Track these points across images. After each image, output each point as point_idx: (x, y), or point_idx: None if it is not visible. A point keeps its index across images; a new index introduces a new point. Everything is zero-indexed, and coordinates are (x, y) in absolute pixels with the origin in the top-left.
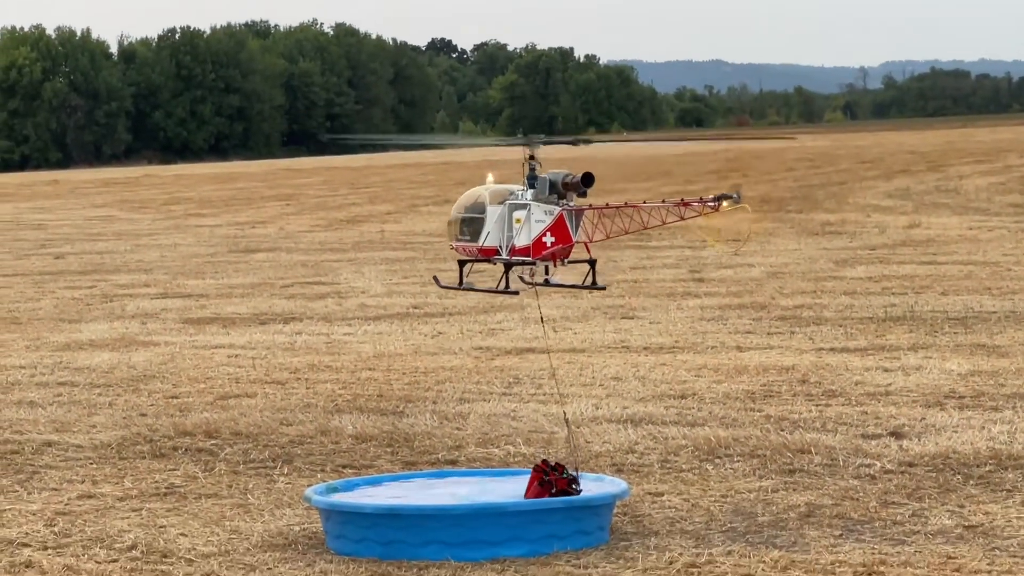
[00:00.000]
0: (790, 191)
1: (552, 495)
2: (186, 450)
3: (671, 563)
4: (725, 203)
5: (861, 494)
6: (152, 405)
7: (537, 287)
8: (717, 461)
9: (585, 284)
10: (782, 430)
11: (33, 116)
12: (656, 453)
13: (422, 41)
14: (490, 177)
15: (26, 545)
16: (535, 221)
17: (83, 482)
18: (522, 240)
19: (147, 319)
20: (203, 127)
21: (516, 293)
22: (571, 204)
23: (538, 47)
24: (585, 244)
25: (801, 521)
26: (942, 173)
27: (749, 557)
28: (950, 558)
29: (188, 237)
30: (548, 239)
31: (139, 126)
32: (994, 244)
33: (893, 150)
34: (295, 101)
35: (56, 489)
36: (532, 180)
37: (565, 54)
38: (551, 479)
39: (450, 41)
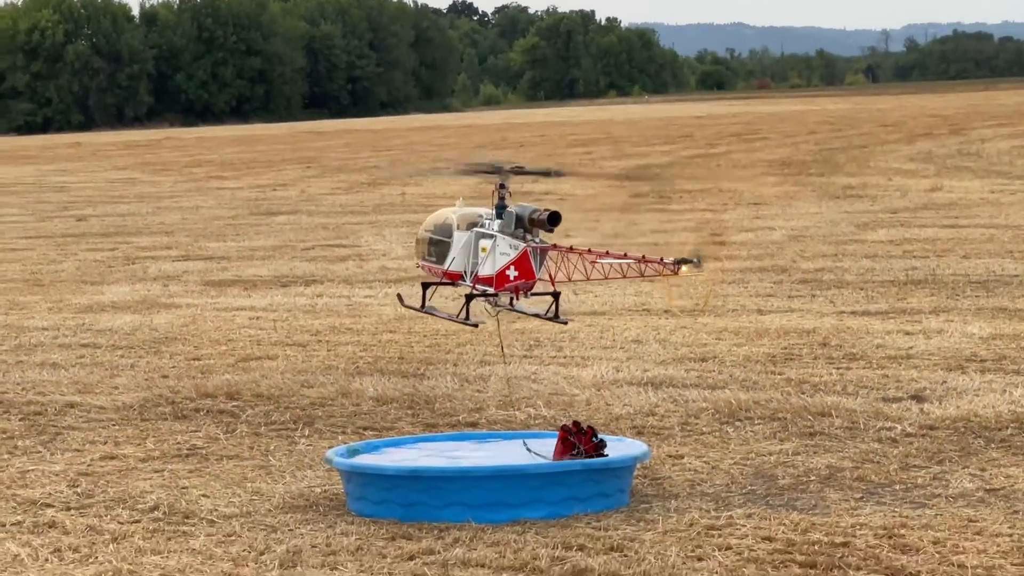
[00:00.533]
0: (811, 154)
1: (574, 456)
2: (208, 412)
3: (691, 525)
4: (684, 267)
5: (882, 457)
6: (174, 367)
7: (499, 312)
8: (737, 424)
9: (548, 315)
10: (803, 393)
11: (55, 79)
12: (676, 416)
13: (443, 4)
14: (459, 201)
15: (49, 505)
16: (500, 253)
17: (105, 443)
18: (486, 270)
19: (169, 281)
20: (224, 90)
21: (476, 325)
22: (537, 241)
23: (559, 10)
24: (550, 276)
25: (821, 484)
26: (964, 136)
27: (769, 519)
28: (971, 521)
29: (209, 200)
30: (511, 272)
31: (161, 89)
32: (1016, 207)
33: (915, 113)
34: (316, 64)
35: (79, 450)
36: (500, 211)
37: (586, 17)
38: (576, 440)
39: (471, 4)
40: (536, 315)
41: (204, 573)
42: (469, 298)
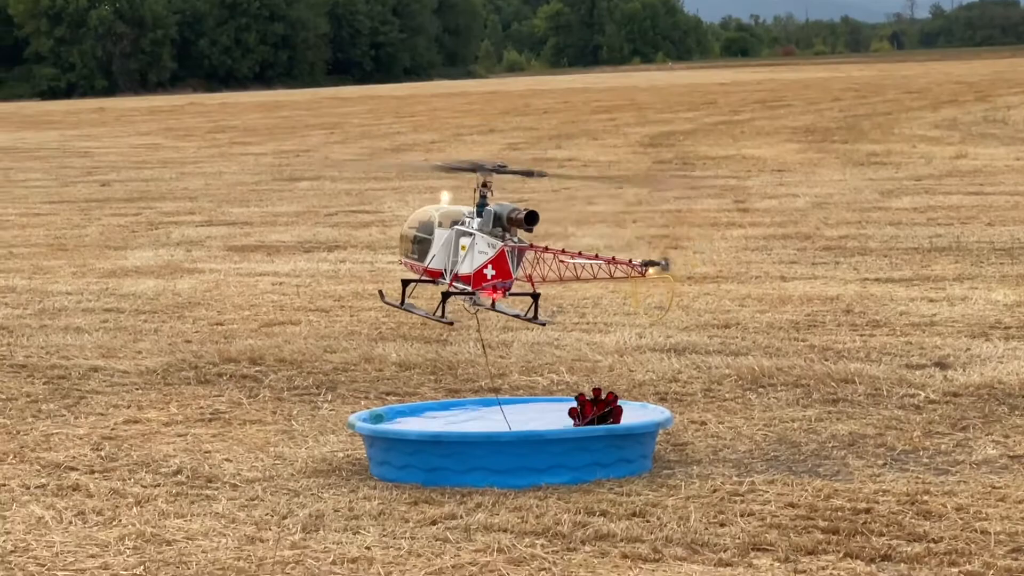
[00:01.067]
0: (835, 121)
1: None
2: (231, 376)
3: (714, 491)
4: (652, 270)
5: (905, 424)
6: (197, 332)
7: (478, 310)
8: (760, 390)
9: (527, 316)
10: (826, 360)
11: (79, 44)
12: (699, 382)
13: None
14: (445, 196)
15: (73, 469)
16: (478, 252)
17: (129, 407)
18: (464, 268)
19: (192, 246)
20: (248, 55)
21: (451, 323)
22: (515, 240)
23: None
24: (528, 278)
25: (845, 451)
26: (989, 104)
27: (792, 486)
28: (994, 488)
29: (233, 165)
30: (489, 271)
31: (184, 54)
32: None
33: (940, 80)
34: (340, 30)
35: (102, 414)
36: (480, 209)
37: None
38: (583, 404)
39: None
40: (516, 316)
41: (227, 536)
42: (445, 296)
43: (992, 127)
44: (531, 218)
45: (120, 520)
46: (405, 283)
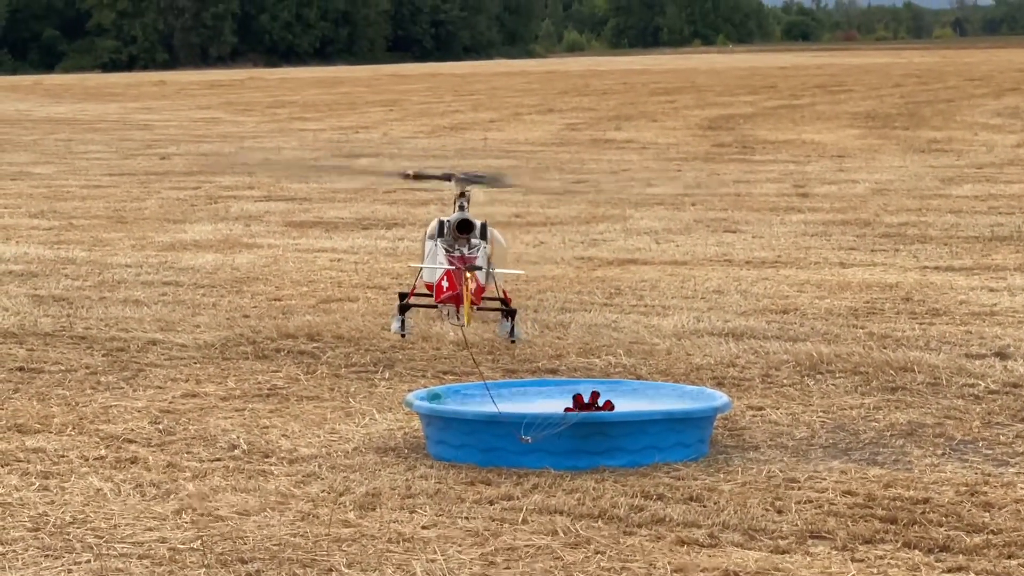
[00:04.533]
0: (896, 107)
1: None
2: (288, 352)
3: (771, 477)
4: (468, 274)
5: (964, 414)
6: (255, 307)
7: (462, 324)
8: (819, 377)
9: (503, 332)
10: (885, 348)
11: (141, 17)
12: (757, 367)
13: None
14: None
15: (131, 441)
16: (439, 263)
17: (187, 381)
18: (427, 277)
19: (251, 221)
20: (308, 31)
21: (403, 336)
22: (463, 252)
23: None
24: (503, 293)
25: (903, 439)
26: None
27: (850, 473)
28: None
29: (292, 140)
30: (444, 283)
31: (245, 29)
32: None
33: (1003, 67)
34: (400, 7)
35: (160, 387)
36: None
37: None
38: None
39: None
40: (497, 310)
41: (283, 512)
42: (403, 308)
43: None
44: (462, 226)
45: (177, 494)
46: (402, 298)
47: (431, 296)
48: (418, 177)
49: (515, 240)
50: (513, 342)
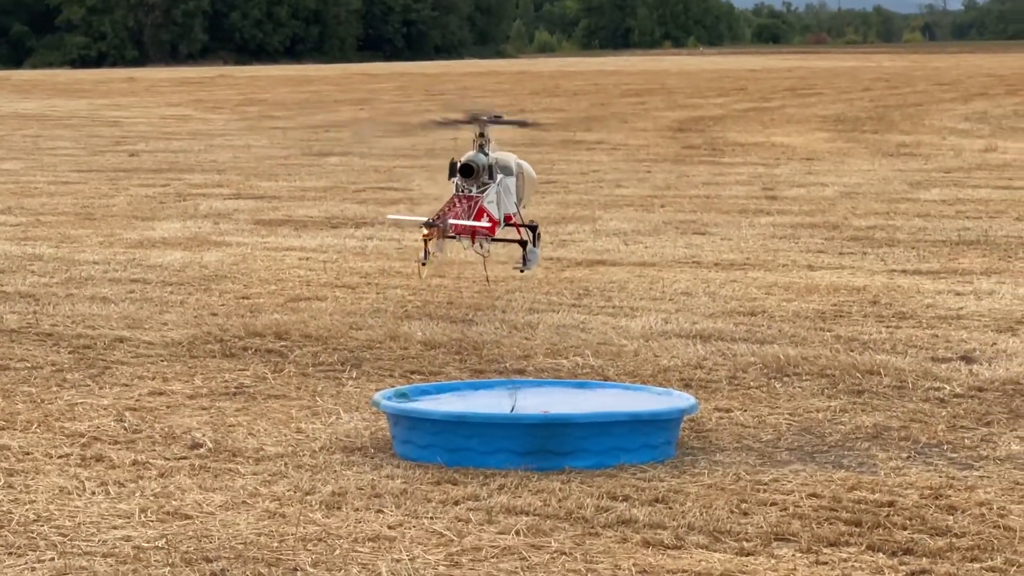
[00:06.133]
0: (865, 111)
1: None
2: (256, 351)
3: (737, 480)
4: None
5: (930, 417)
6: (223, 305)
7: (487, 253)
8: (785, 379)
9: (516, 264)
10: (852, 350)
11: (111, 13)
12: (724, 369)
13: None
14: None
15: (97, 439)
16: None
17: (154, 379)
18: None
19: (219, 219)
20: (279, 29)
21: (423, 264)
22: (472, 192)
23: None
24: (516, 227)
25: (869, 442)
26: (1021, 97)
27: (816, 476)
28: (1018, 484)
29: (262, 139)
30: (451, 218)
31: (215, 26)
32: None
33: (971, 72)
34: (371, 6)
35: (127, 385)
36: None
37: None
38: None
39: None
40: (512, 241)
41: (248, 511)
42: (428, 225)
43: (1022, 121)
44: (464, 170)
45: (143, 492)
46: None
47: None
48: (447, 123)
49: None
50: (521, 271)
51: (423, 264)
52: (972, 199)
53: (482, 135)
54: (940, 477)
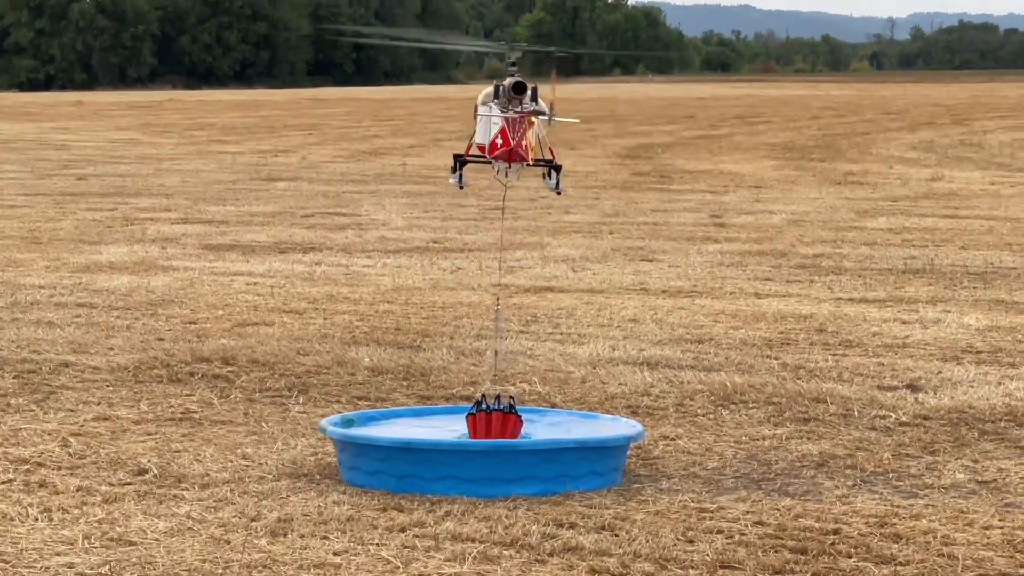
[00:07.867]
0: (813, 139)
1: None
2: (202, 376)
3: (683, 507)
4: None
5: (875, 445)
6: (170, 330)
7: (509, 181)
8: (732, 407)
9: (549, 182)
10: (798, 378)
11: (59, 36)
12: (671, 397)
13: None
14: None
15: (41, 465)
16: (492, 123)
17: (99, 404)
18: (479, 138)
19: (167, 243)
20: (228, 53)
21: (461, 187)
22: (516, 111)
23: None
24: (550, 149)
25: (814, 470)
26: (966, 127)
27: (761, 504)
28: (962, 512)
29: (210, 163)
30: (499, 141)
31: (164, 50)
32: (1016, 200)
33: (918, 102)
34: (322, 31)
35: (72, 410)
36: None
37: None
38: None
39: None
40: (538, 163)
41: (193, 537)
42: (461, 163)
43: (968, 150)
44: (517, 87)
45: (87, 518)
46: (456, 157)
47: (483, 156)
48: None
49: (432, 266)
50: (559, 193)
51: (460, 188)
52: (918, 228)
53: (514, 63)
54: (885, 505)
